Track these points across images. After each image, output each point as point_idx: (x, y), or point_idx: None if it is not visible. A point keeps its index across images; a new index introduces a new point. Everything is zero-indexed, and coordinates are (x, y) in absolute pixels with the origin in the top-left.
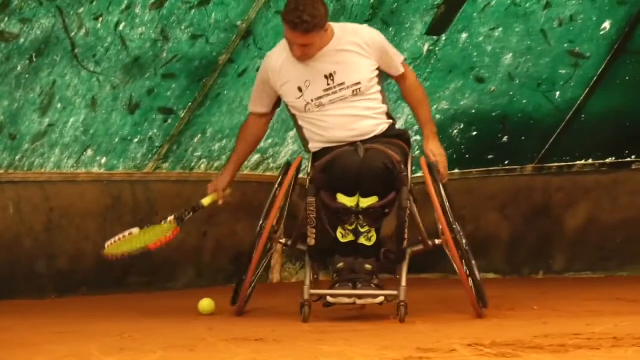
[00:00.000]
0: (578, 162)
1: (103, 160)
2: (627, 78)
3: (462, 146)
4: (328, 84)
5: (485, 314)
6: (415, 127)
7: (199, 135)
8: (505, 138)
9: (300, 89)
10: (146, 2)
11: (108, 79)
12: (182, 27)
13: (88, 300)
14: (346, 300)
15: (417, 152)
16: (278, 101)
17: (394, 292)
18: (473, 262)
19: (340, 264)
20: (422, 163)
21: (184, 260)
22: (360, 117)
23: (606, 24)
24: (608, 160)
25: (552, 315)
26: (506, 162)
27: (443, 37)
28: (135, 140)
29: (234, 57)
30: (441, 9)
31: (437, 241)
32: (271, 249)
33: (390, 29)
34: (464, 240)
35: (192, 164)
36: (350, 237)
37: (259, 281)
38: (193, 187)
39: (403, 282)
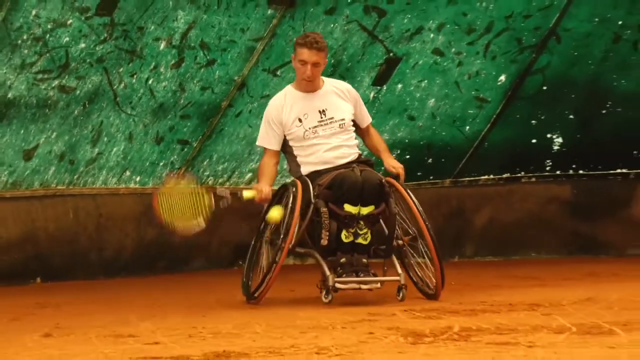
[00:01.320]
0: (483, 177)
1: (138, 179)
2: (518, 116)
3: None
4: (321, 117)
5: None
6: (374, 158)
7: (208, 160)
8: (430, 160)
9: (300, 120)
10: (168, 64)
11: (141, 119)
12: (195, 81)
13: (127, 281)
14: (355, 285)
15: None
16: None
17: (397, 278)
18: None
19: (343, 259)
20: (392, 180)
21: (198, 251)
22: (342, 146)
23: (502, 77)
24: (505, 175)
25: (466, 288)
26: (431, 177)
27: (384, 87)
28: (161, 164)
29: (232, 103)
30: (383, 67)
31: (400, 242)
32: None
33: (346, 81)
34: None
35: (203, 180)
36: (351, 238)
37: (253, 266)
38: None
39: (399, 270)
